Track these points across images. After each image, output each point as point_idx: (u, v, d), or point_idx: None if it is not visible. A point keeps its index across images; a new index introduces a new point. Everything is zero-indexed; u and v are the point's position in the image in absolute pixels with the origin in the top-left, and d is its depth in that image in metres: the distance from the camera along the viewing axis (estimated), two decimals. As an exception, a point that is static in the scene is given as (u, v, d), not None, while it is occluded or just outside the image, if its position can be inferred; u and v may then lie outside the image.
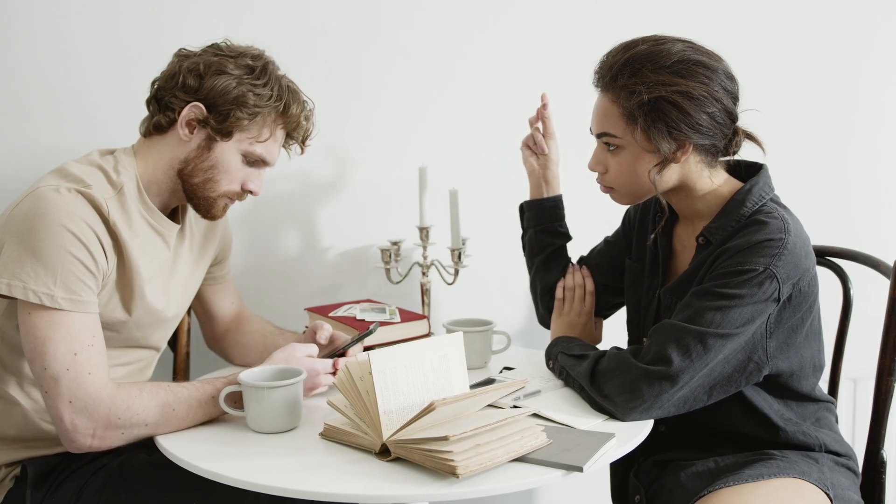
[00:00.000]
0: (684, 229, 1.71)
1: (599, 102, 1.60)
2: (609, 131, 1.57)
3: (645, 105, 1.51)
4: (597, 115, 1.60)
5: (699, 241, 1.61)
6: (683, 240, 1.71)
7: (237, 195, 1.67)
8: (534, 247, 1.96)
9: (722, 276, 1.50)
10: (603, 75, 1.58)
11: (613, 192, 1.64)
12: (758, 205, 1.57)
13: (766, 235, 1.50)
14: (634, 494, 1.66)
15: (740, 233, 1.54)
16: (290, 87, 1.66)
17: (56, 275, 1.44)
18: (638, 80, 1.51)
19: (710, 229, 1.59)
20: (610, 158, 1.60)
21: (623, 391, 1.49)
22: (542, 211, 1.95)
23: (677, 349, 1.47)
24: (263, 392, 1.46)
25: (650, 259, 1.76)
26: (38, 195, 1.48)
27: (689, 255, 1.68)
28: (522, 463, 1.33)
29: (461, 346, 1.50)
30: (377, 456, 1.36)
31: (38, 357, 1.44)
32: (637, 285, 1.80)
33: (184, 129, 1.59)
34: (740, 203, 1.58)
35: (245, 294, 2.00)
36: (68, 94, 2.03)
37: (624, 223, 1.92)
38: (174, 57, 1.64)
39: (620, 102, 1.54)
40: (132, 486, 1.54)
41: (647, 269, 1.76)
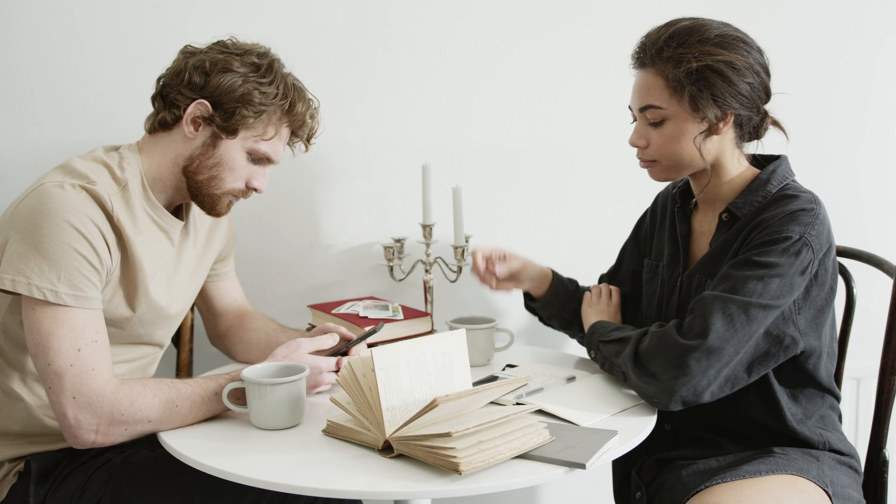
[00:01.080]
0: (704, 215, 1.74)
1: (641, 79, 1.65)
2: (653, 103, 1.62)
3: (693, 73, 1.56)
4: (639, 91, 1.64)
5: (722, 217, 1.65)
6: (703, 225, 1.74)
7: (242, 192, 1.67)
8: (561, 321, 1.95)
9: (760, 246, 1.54)
10: (645, 52, 1.63)
11: (655, 165, 1.67)
12: (782, 183, 1.64)
13: (800, 206, 1.56)
14: (636, 491, 1.67)
15: (772, 206, 1.59)
16: (296, 85, 1.66)
17: (60, 271, 1.44)
18: (685, 50, 1.57)
19: (736, 204, 1.64)
20: (652, 132, 1.64)
21: (669, 368, 1.50)
22: (552, 300, 1.93)
23: (722, 320, 1.49)
24: (266, 389, 1.47)
25: (669, 249, 1.78)
26: (42, 191, 1.48)
27: (707, 238, 1.71)
28: (525, 460, 1.33)
29: (464, 344, 1.50)
30: (380, 453, 1.36)
31: (41, 353, 1.44)
32: (655, 278, 1.81)
33: (189, 126, 1.60)
34: (765, 182, 1.64)
35: (248, 291, 2.01)
36: (73, 90, 2.03)
37: (636, 232, 1.95)
38: (180, 54, 1.64)
39: (667, 73, 1.59)
40: (135, 482, 1.54)
41: (667, 259, 1.78)
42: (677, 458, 1.66)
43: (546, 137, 2.30)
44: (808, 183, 1.70)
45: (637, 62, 1.66)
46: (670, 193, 1.85)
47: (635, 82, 1.67)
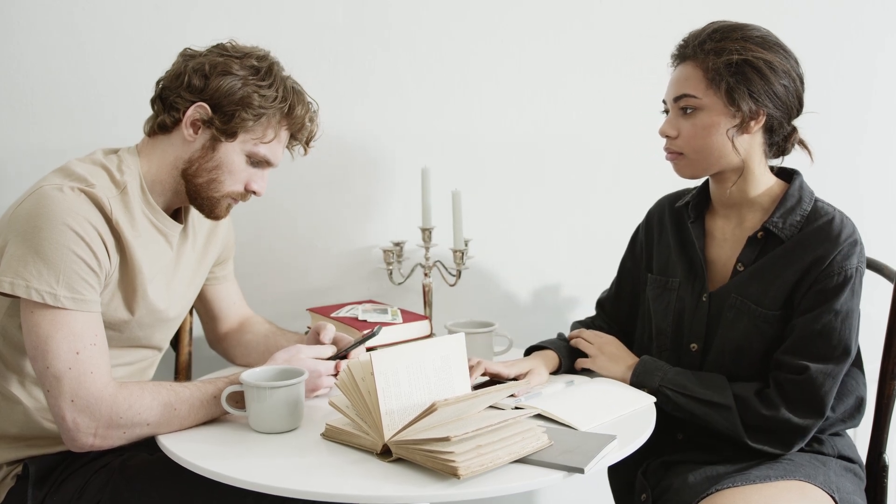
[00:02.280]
0: (724, 221, 1.75)
1: (679, 71, 1.67)
2: (689, 92, 1.63)
3: (733, 65, 1.59)
4: (676, 82, 1.67)
5: (758, 235, 1.66)
6: (725, 231, 1.74)
7: (241, 195, 1.67)
8: None
9: (832, 292, 1.58)
10: (686, 46, 1.66)
11: (681, 158, 1.67)
12: (812, 200, 1.67)
13: (849, 235, 1.61)
14: (641, 493, 1.67)
15: (816, 230, 1.62)
16: (295, 88, 1.66)
17: (59, 273, 1.44)
18: (727, 43, 1.61)
19: (774, 223, 1.65)
20: (684, 122, 1.65)
21: (788, 442, 1.58)
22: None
23: (831, 388, 1.57)
24: (265, 392, 1.46)
25: (684, 263, 1.77)
26: (41, 194, 1.48)
27: (732, 248, 1.72)
28: (523, 464, 1.33)
29: (463, 348, 1.50)
30: (378, 456, 1.36)
31: (40, 356, 1.44)
32: (666, 293, 1.79)
33: (188, 129, 1.60)
34: (798, 199, 1.66)
35: (247, 294, 2.00)
36: (73, 92, 2.03)
37: (631, 249, 1.94)
38: (179, 57, 1.64)
39: (706, 64, 1.61)
40: (134, 485, 1.54)
41: (683, 274, 1.76)
42: (684, 461, 1.66)
43: (546, 139, 2.30)
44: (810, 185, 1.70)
45: (677, 57, 1.68)
46: (671, 207, 1.85)
47: (672, 77, 1.69)
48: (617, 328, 1.94)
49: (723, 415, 1.59)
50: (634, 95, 2.27)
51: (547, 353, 1.82)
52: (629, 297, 1.92)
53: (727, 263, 1.71)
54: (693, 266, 1.75)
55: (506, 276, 2.32)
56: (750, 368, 1.65)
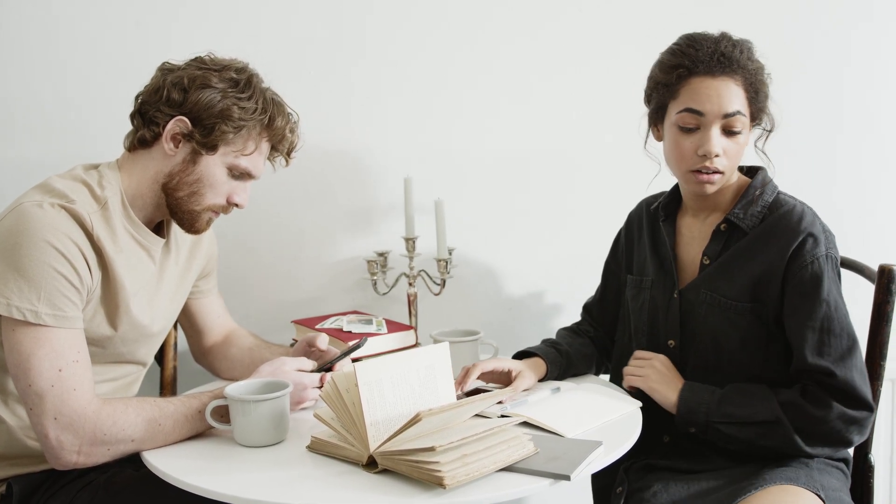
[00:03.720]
0: (693, 221, 1.78)
1: (723, 86, 1.62)
2: (741, 111, 1.63)
3: (763, 82, 1.66)
4: (723, 96, 1.62)
5: (720, 227, 1.69)
6: (693, 230, 1.77)
7: (222, 208, 1.67)
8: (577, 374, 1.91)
9: (811, 282, 1.59)
10: (712, 57, 1.62)
11: (720, 177, 1.66)
12: (774, 193, 1.70)
13: (812, 224, 1.62)
14: (618, 486, 1.68)
15: (779, 220, 1.64)
16: (275, 99, 1.66)
17: (40, 291, 1.43)
18: (751, 59, 1.65)
19: (736, 215, 1.68)
20: (727, 140, 1.64)
21: (843, 443, 1.58)
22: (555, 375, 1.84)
23: (862, 377, 1.58)
24: (250, 406, 1.46)
25: (654, 262, 1.80)
26: (20, 211, 1.47)
27: (699, 243, 1.74)
28: (509, 472, 1.32)
29: (447, 357, 1.50)
30: (364, 468, 1.36)
31: (22, 373, 1.43)
32: (642, 293, 1.82)
33: (169, 143, 1.59)
34: (760, 192, 1.69)
35: (231, 307, 2.00)
36: (52, 108, 2.03)
37: (614, 252, 1.96)
38: (158, 71, 1.64)
39: (747, 81, 1.63)
40: (119, 502, 1.52)
41: (654, 273, 1.79)
42: (668, 467, 1.66)
43: (527, 147, 2.30)
44: (787, 188, 1.71)
45: (713, 68, 1.62)
46: (648, 209, 1.87)
47: (710, 88, 1.62)
48: (603, 332, 1.95)
49: (776, 431, 1.56)
50: (614, 101, 2.28)
51: (535, 360, 1.81)
52: (614, 300, 1.94)
53: (695, 259, 1.74)
54: (664, 264, 1.78)
55: (490, 284, 2.32)
56: (732, 359, 1.66)
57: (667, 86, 1.66)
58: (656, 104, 1.71)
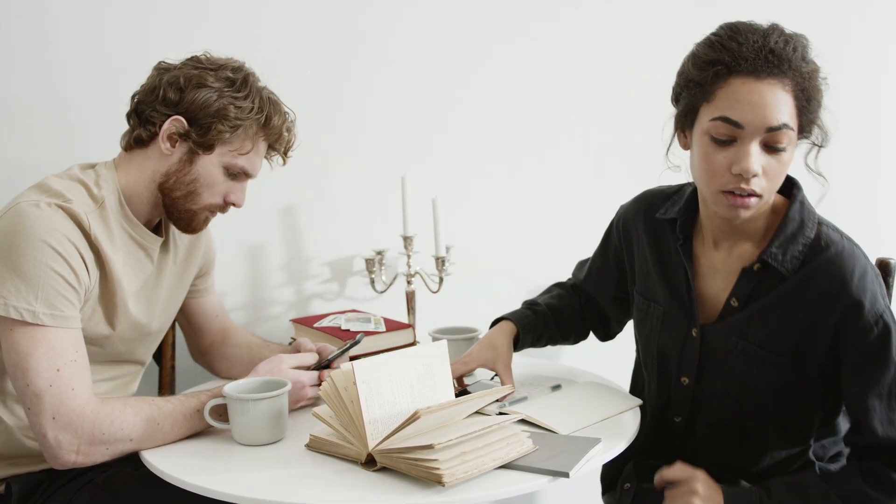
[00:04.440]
0: (715, 252, 1.53)
1: (765, 90, 1.34)
2: (789, 122, 1.35)
3: (818, 88, 1.37)
4: (769, 105, 1.33)
5: (754, 268, 1.46)
6: (714, 262, 1.53)
7: (219, 208, 1.67)
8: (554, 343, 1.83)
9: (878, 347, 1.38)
10: (758, 54, 1.34)
11: (757, 201, 1.39)
12: (815, 225, 1.45)
13: (863, 270, 1.40)
14: (626, 482, 1.63)
15: (827, 269, 1.40)
16: (271, 98, 1.66)
17: (37, 290, 1.43)
18: (805, 60, 1.36)
19: (774, 256, 1.43)
20: (768, 158, 1.36)
21: None
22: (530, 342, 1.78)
23: None
24: (248, 404, 1.46)
25: (666, 290, 1.58)
26: (18, 211, 1.47)
27: (723, 279, 1.51)
28: (509, 469, 1.33)
29: (446, 354, 1.50)
30: (363, 466, 1.36)
31: (20, 373, 1.43)
32: (648, 320, 1.63)
33: (165, 142, 1.59)
34: (799, 224, 1.44)
35: (230, 306, 2.00)
36: (49, 108, 2.02)
37: (604, 250, 1.79)
38: (154, 70, 1.64)
39: (796, 85, 1.35)
40: (118, 501, 1.52)
41: (667, 302, 1.58)
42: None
43: (524, 144, 2.30)
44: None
45: (760, 67, 1.34)
46: (647, 216, 1.65)
47: (757, 93, 1.34)
48: (594, 311, 1.84)
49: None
50: (613, 99, 2.28)
51: (503, 326, 1.73)
52: (609, 307, 1.81)
53: (718, 296, 1.52)
54: (679, 297, 1.56)
55: (488, 281, 2.33)
56: (759, 407, 1.51)
57: (700, 85, 1.38)
58: (685, 106, 1.43)
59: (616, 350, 1.97)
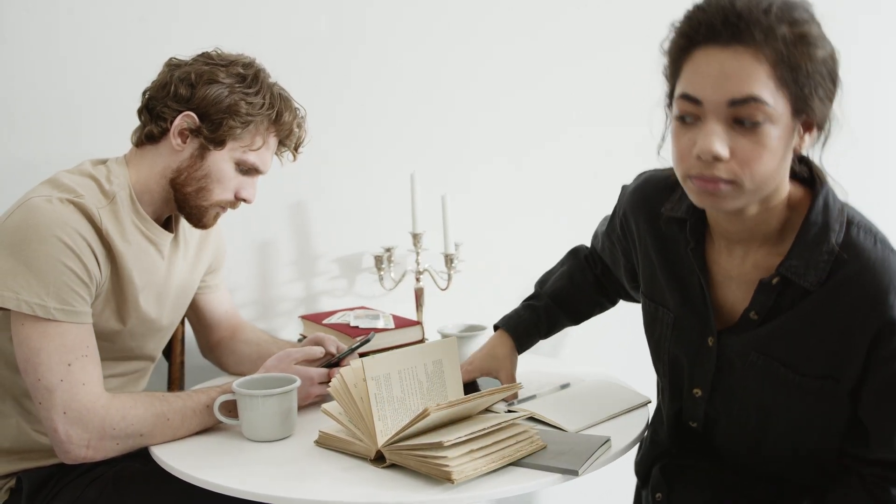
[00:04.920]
0: (728, 256, 1.36)
1: (725, 58, 1.16)
2: (760, 95, 1.15)
3: (811, 55, 1.16)
4: (729, 74, 1.15)
5: (772, 282, 1.28)
6: (729, 269, 1.36)
7: (230, 203, 1.67)
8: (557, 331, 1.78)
9: None
10: (717, 17, 1.16)
11: (729, 188, 1.19)
12: (843, 228, 1.26)
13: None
14: (656, 491, 1.51)
15: (857, 283, 1.23)
16: (282, 94, 1.66)
17: (49, 285, 1.43)
18: (789, 21, 1.16)
19: (794, 270, 1.25)
20: (740, 138, 1.17)
21: None
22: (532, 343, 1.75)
23: None
24: (258, 400, 1.46)
25: (678, 297, 1.43)
26: (29, 206, 1.47)
27: (738, 288, 1.35)
28: (517, 467, 1.33)
29: (455, 352, 1.50)
30: (372, 462, 1.36)
31: (31, 368, 1.43)
32: (657, 325, 1.49)
33: (176, 138, 1.59)
34: (823, 227, 1.25)
35: (239, 302, 2.00)
36: (59, 104, 2.03)
37: (619, 238, 1.59)
38: (165, 66, 1.64)
39: (772, 51, 1.15)
40: (127, 496, 1.53)
41: (679, 309, 1.43)
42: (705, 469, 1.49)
43: (533, 141, 2.30)
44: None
45: (720, 32, 1.16)
46: (649, 212, 1.48)
47: (715, 62, 1.17)
48: (614, 280, 1.71)
49: None
50: (621, 93, 2.28)
51: (501, 336, 1.72)
52: (618, 271, 1.65)
53: (734, 307, 1.36)
54: (691, 301, 1.41)
55: (497, 279, 2.32)
56: (780, 432, 1.36)
57: (673, 62, 1.25)
58: (667, 90, 1.30)
59: (624, 350, 1.97)
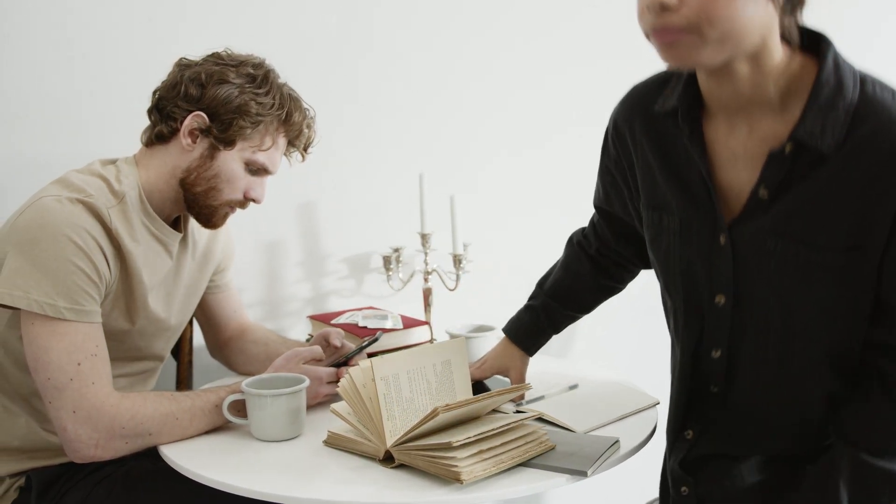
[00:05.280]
0: (729, 130, 1.23)
1: None
2: None
3: None
4: None
5: (785, 150, 1.16)
6: (733, 145, 1.22)
7: (239, 203, 1.67)
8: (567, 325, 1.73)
9: None
10: None
11: (685, 39, 1.08)
12: (857, 84, 1.14)
13: None
14: (679, 485, 1.37)
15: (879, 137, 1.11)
16: (292, 94, 1.66)
17: (59, 285, 1.44)
18: None
19: (811, 133, 1.13)
20: None
21: None
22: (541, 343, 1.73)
23: None
24: (266, 400, 1.46)
25: (679, 195, 1.28)
26: (40, 205, 1.48)
27: (745, 168, 1.21)
28: (526, 468, 1.32)
29: (464, 352, 1.50)
30: (381, 463, 1.36)
31: (41, 367, 1.44)
32: (662, 236, 1.33)
33: (186, 138, 1.60)
34: (836, 86, 1.13)
35: (247, 302, 2.00)
36: (68, 103, 2.03)
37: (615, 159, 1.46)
38: (175, 66, 1.64)
39: None
40: (136, 495, 1.53)
41: (682, 209, 1.28)
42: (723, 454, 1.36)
43: (542, 141, 2.30)
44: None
45: None
46: (645, 113, 1.35)
47: None
48: (613, 255, 1.63)
49: None
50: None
51: (507, 342, 1.72)
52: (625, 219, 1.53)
53: (742, 189, 1.21)
54: (694, 197, 1.26)
55: (505, 279, 2.32)
56: (804, 329, 1.21)
57: None
58: None
59: (633, 351, 1.96)
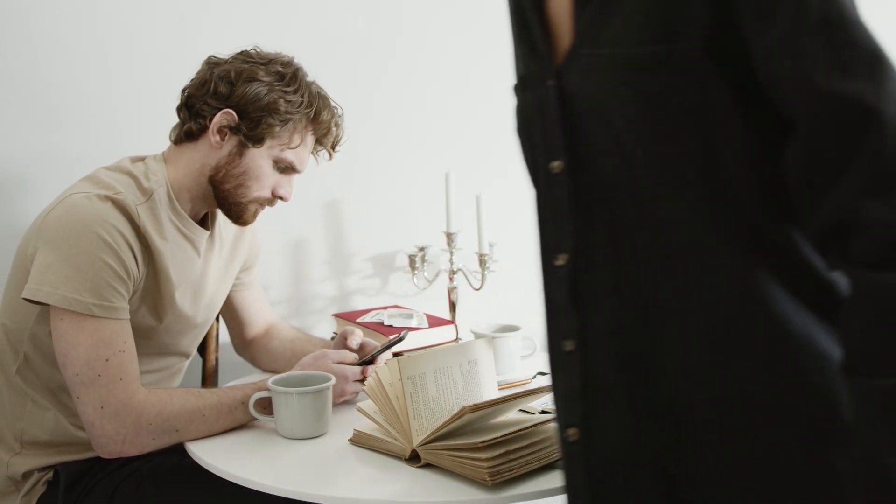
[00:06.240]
0: None
1: None
2: None
3: None
4: None
5: None
6: None
7: (268, 201, 1.68)
8: None
9: None
10: None
11: None
12: None
13: None
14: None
15: None
16: (321, 93, 1.66)
17: (87, 281, 1.44)
18: None
19: None
20: None
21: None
22: None
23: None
24: (293, 398, 1.46)
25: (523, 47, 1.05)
26: (70, 202, 1.49)
27: None
28: (554, 469, 1.32)
29: (490, 352, 1.50)
30: (407, 462, 1.36)
31: (70, 363, 1.45)
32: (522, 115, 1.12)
33: (215, 135, 1.60)
34: None
35: (273, 300, 2.01)
36: (99, 101, 2.04)
37: None
38: (204, 64, 1.65)
39: None
40: (163, 490, 1.54)
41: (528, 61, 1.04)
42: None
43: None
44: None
45: None
46: None
47: None
48: None
49: None
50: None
51: None
52: None
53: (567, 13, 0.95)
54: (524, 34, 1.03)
55: (531, 279, 2.30)
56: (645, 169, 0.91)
57: None
58: None
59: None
